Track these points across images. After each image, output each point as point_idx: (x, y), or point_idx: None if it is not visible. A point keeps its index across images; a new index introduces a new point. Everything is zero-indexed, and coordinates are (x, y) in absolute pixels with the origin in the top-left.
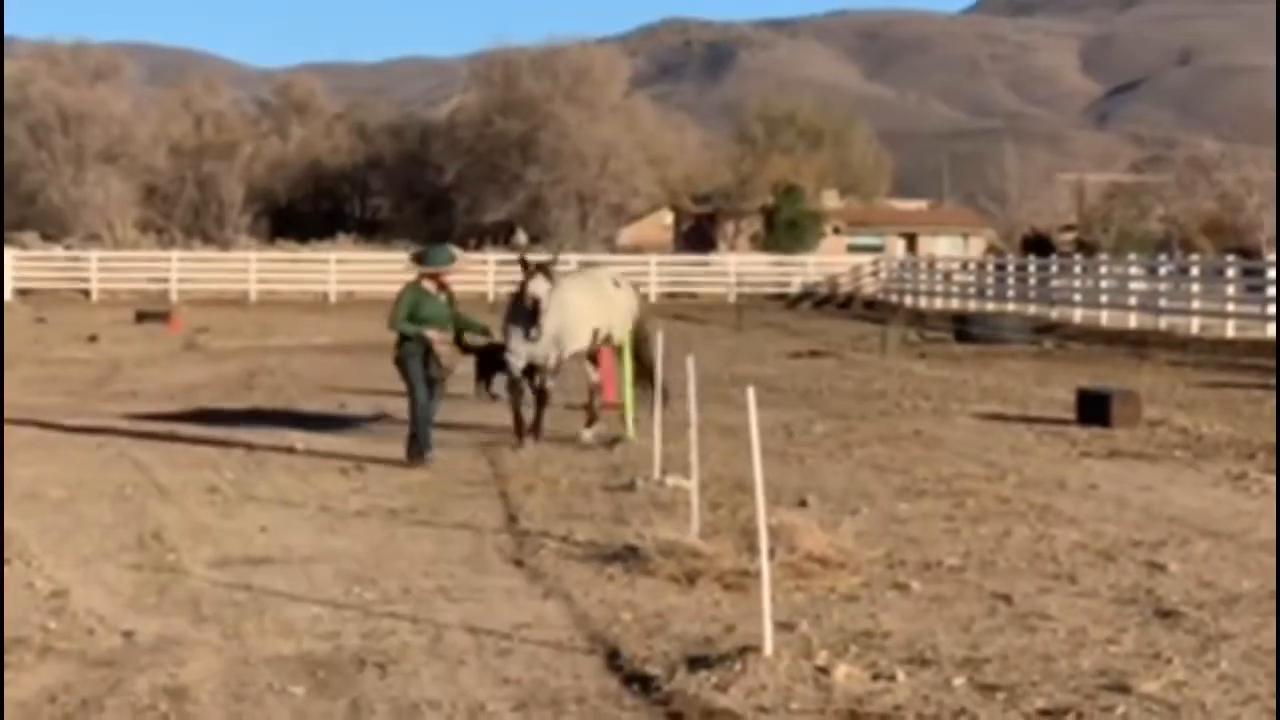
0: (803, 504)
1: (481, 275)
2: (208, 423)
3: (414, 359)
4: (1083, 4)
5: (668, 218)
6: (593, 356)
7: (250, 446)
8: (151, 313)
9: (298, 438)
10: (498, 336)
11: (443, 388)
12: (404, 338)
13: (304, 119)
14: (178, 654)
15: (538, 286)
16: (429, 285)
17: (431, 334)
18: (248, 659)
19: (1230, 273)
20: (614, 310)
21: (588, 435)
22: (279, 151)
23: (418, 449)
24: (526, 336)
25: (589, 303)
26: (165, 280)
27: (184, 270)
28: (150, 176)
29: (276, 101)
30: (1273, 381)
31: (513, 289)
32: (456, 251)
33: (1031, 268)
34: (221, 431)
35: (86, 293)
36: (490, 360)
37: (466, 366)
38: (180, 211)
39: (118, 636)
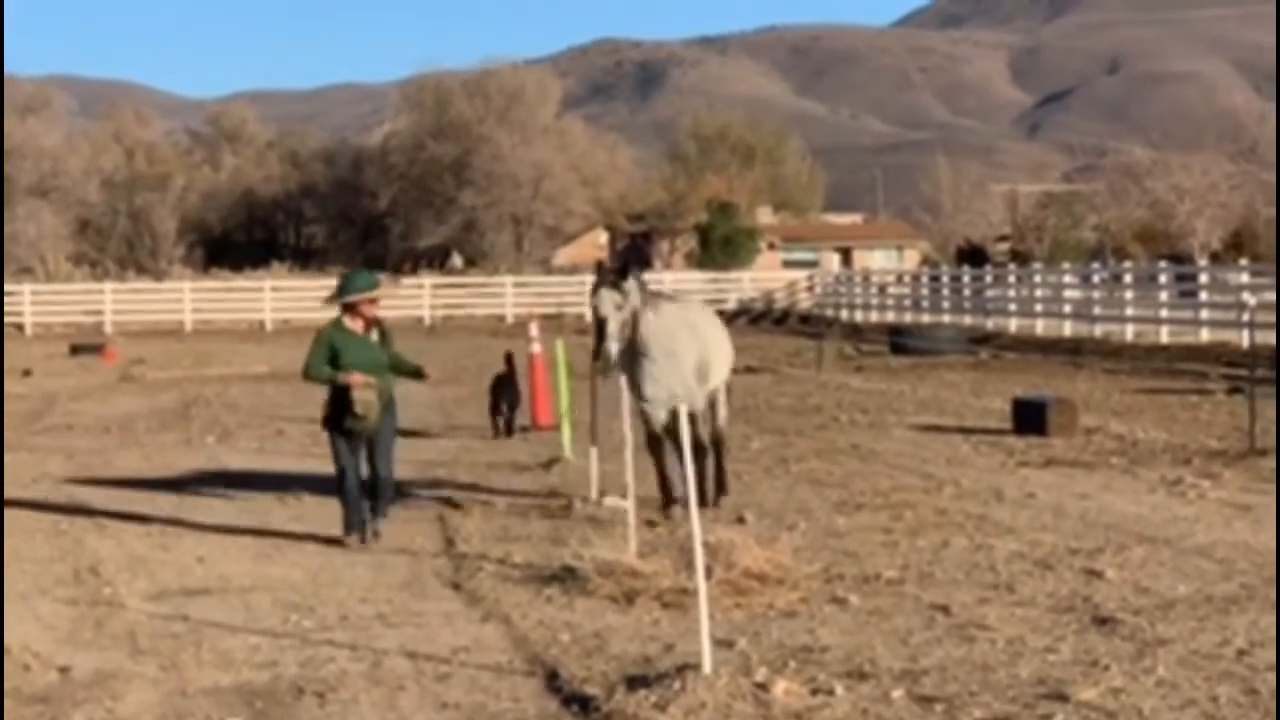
0: (740, 521)
1: (418, 299)
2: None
3: (340, 437)
4: (1010, 15)
5: (603, 237)
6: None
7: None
8: (86, 345)
9: (234, 466)
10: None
11: (384, 438)
12: (334, 395)
13: (236, 148)
14: (115, 688)
15: (602, 301)
16: (352, 323)
17: (354, 378)
18: (185, 690)
19: (1163, 279)
20: (726, 349)
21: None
22: (212, 181)
23: (347, 524)
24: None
25: (718, 335)
26: (100, 313)
27: (118, 302)
28: (83, 209)
29: (208, 131)
30: (1207, 386)
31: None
32: (379, 276)
33: (966, 279)
34: (158, 461)
35: (20, 327)
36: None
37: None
38: (114, 244)
39: (54, 672)
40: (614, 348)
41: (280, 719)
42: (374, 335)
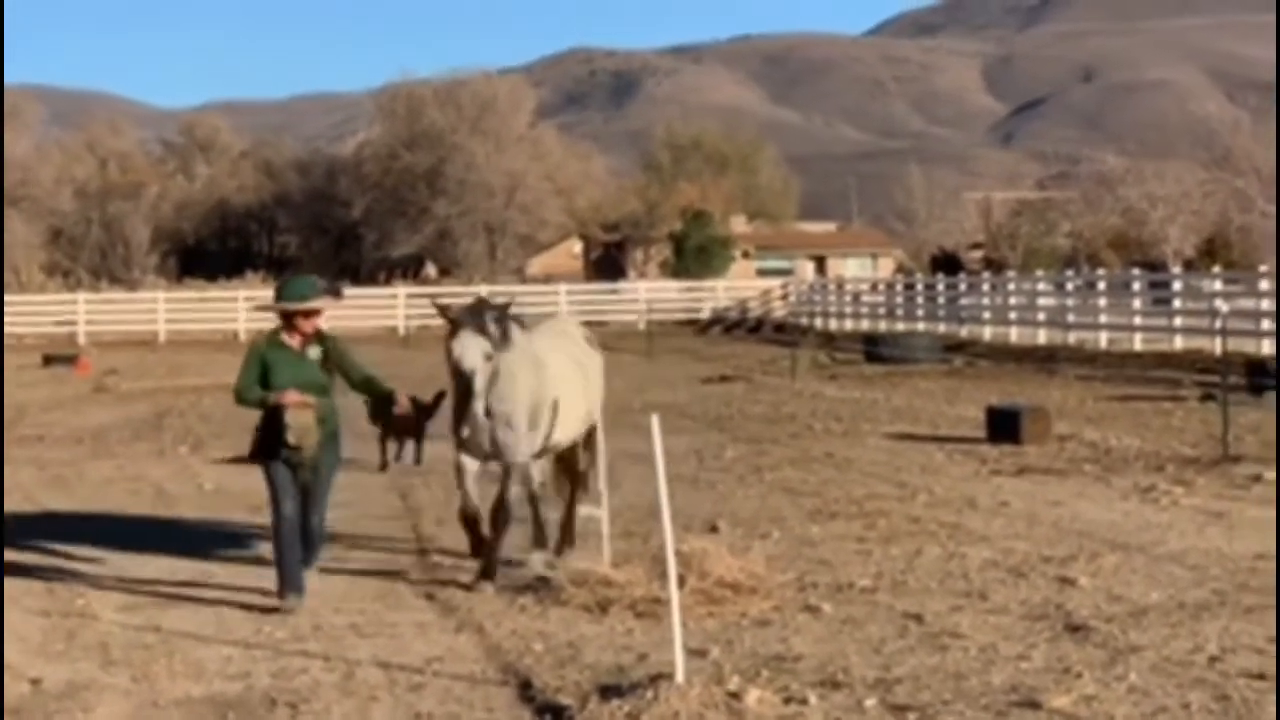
0: (714, 530)
1: (392, 309)
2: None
3: (278, 465)
4: (984, 24)
5: (577, 246)
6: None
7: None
8: (59, 356)
9: (207, 477)
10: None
11: (321, 477)
12: (266, 419)
13: (209, 158)
14: (86, 699)
15: (466, 350)
16: (289, 337)
17: (288, 396)
18: (157, 701)
19: (1136, 286)
20: (593, 381)
21: (538, 560)
22: (185, 191)
23: (282, 581)
24: (464, 420)
25: (571, 370)
26: (73, 323)
27: (91, 312)
28: (55, 219)
29: (181, 141)
30: (1180, 393)
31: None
32: (319, 282)
33: (940, 287)
34: (131, 471)
35: None
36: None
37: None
38: (86, 253)
39: (25, 684)
40: (481, 408)
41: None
42: (313, 352)
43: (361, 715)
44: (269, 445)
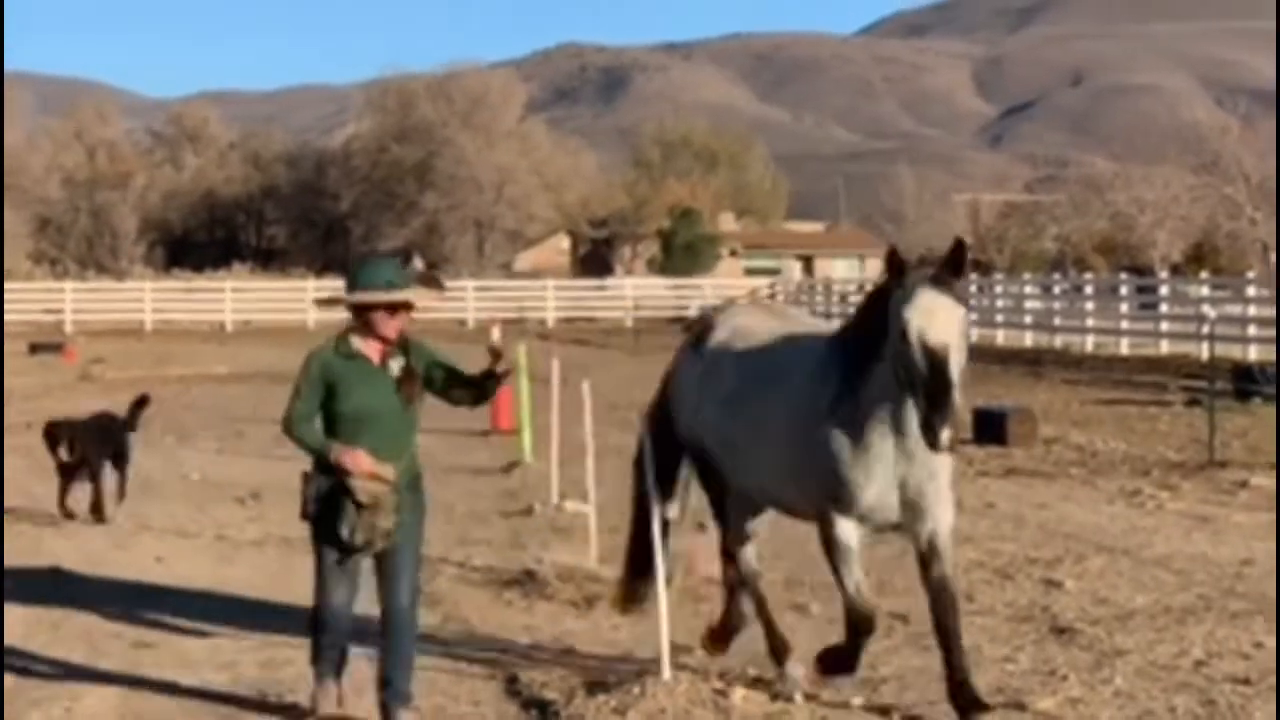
0: (700, 528)
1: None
2: None
3: (332, 527)
4: (973, 26)
5: (564, 242)
6: None
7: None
8: (46, 344)
9: (193, 466)
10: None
11: (404, 551)
12: (317, 463)
13: (198, 148)
14: (73, 689)
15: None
16: (363, 343)
17: (358, 459)
18: (144, 692)
19: (1123, 291)
20: None
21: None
22: (173, 181)
23: (317, 685)
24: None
25: None
26: (60, 311)
27: (78, 301)
28: (43, 207)
29: (170, 131)
30: (1166, 398)
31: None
32: (412, 267)
33: None
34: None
35: None
36: None
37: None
38: (74, 242)
39: (11, 673)
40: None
41: (240, 715)
42: (394, 365)
43: (348, 706)
44: (327, 514)
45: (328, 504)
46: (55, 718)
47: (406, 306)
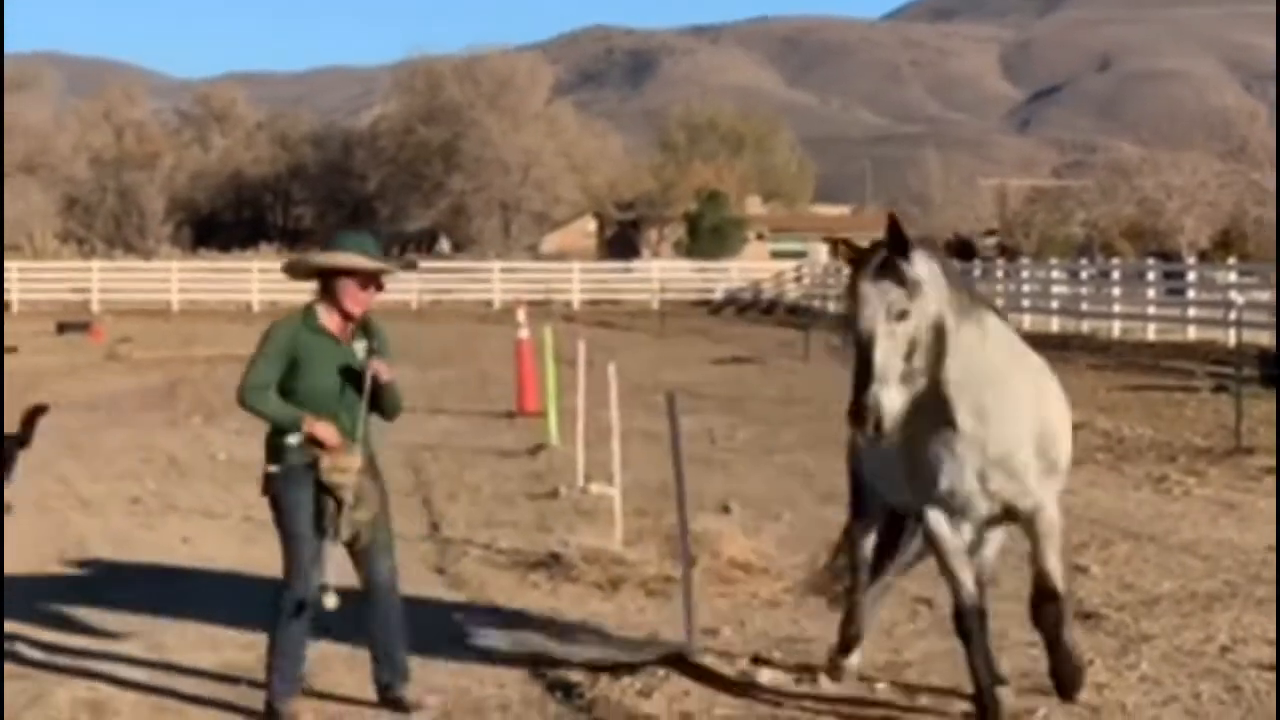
0: (726, 510)
1: (406, 283)
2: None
3: (296, 485)
4: (1002, 10)
5: (591, 225)
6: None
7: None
8: (73, 323)
9: (220, 447)
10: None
11: (371, 545)
12: (274, 436)
13: (225, 129)
14: (98, 667)
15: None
16: (329, 317)
17: (324, 430)
18: (169, 670)
19: (1150, 276)
20: None
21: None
22: (200, 161)
23: (281, 685)
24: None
25: None
26: (87, 291)
27: (105, 280)
28: (71, 187)
29: (198, 111)
30: (1193, 384)
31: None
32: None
33: None
34: (144, 440)
35: (6, 304)
36: None
37: None
38: (101, 222)
39: (38, 650)
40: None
41: (261, 696)
42: (358, 346)
43: (372, 687)
44: (292, 485)
45: (312, 502)
46: (80, 696)
47: (378, 284)
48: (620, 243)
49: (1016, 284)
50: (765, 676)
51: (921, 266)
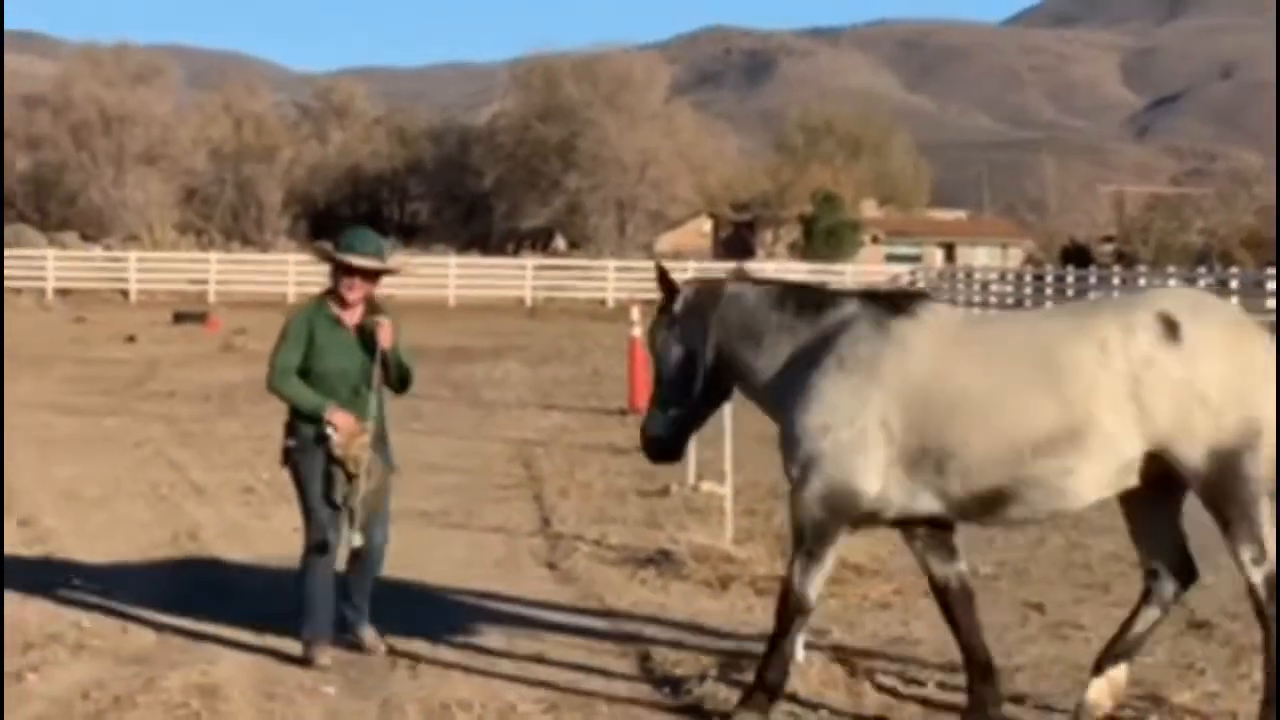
0: None
1: (520, 280)
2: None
3: (312, 457)
4: (1124, 16)
5: (706, 225)
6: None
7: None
8: (189, 314)
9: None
10: None
11: (371, 513)
12: (293, 417)
13: (344, 123)
14: (210, 652)
15: None
16: (340, 307)
17: (341, 418)
18: (280, 657)
19: (1270, 286)
20: None
21: None
22: (318, 155)
23: (311, 630)
24: None
25: None
26: (203, 281)
27: (222, 272)
28: (190, 179)
29: (317, 105)
30: None
31: None
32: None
33: (1070, 278)
34: (257, 430)
35: (125, 293)
36: None
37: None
38: (219, 213)
39: (151, 634)
40: None
41: (373, 689)
42: (367, 329)
43: (481, 679)
44: (308, 456)
45: (323, 471)
46: (193, 681)
47: (376, 278)
48: (735, 243)
49: (1133, 291)
50: (873, 677)
51: None
